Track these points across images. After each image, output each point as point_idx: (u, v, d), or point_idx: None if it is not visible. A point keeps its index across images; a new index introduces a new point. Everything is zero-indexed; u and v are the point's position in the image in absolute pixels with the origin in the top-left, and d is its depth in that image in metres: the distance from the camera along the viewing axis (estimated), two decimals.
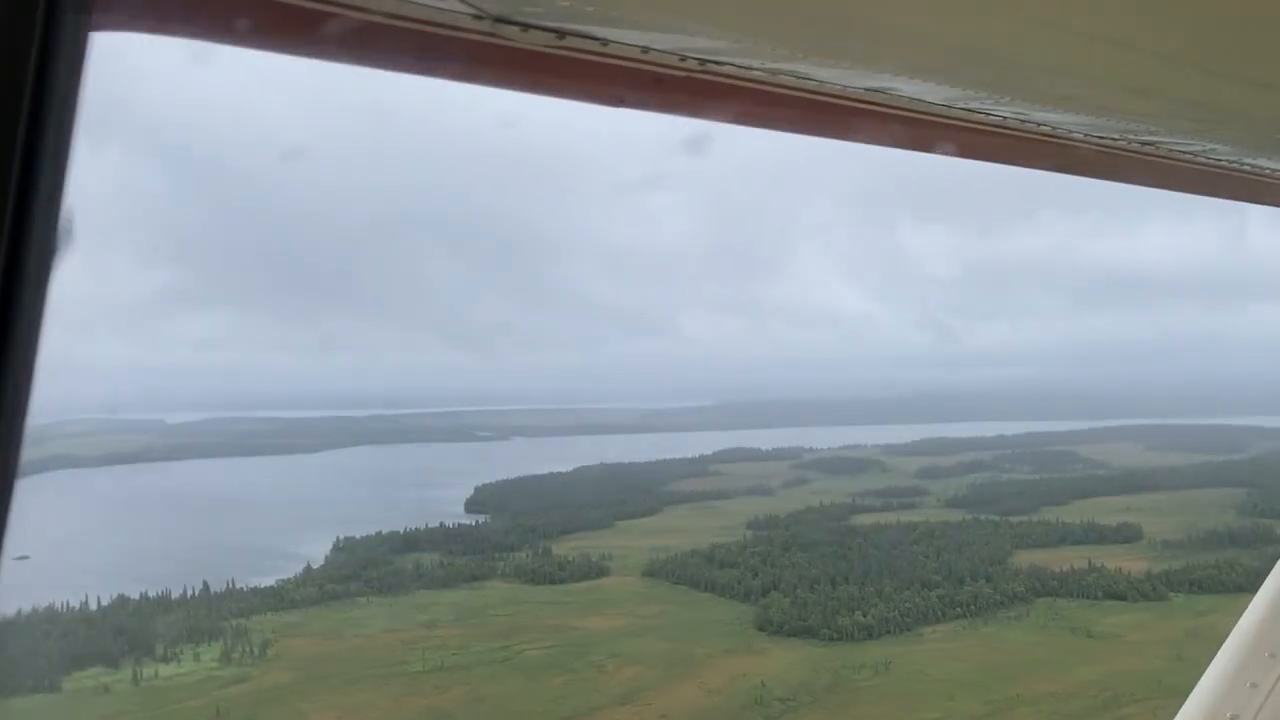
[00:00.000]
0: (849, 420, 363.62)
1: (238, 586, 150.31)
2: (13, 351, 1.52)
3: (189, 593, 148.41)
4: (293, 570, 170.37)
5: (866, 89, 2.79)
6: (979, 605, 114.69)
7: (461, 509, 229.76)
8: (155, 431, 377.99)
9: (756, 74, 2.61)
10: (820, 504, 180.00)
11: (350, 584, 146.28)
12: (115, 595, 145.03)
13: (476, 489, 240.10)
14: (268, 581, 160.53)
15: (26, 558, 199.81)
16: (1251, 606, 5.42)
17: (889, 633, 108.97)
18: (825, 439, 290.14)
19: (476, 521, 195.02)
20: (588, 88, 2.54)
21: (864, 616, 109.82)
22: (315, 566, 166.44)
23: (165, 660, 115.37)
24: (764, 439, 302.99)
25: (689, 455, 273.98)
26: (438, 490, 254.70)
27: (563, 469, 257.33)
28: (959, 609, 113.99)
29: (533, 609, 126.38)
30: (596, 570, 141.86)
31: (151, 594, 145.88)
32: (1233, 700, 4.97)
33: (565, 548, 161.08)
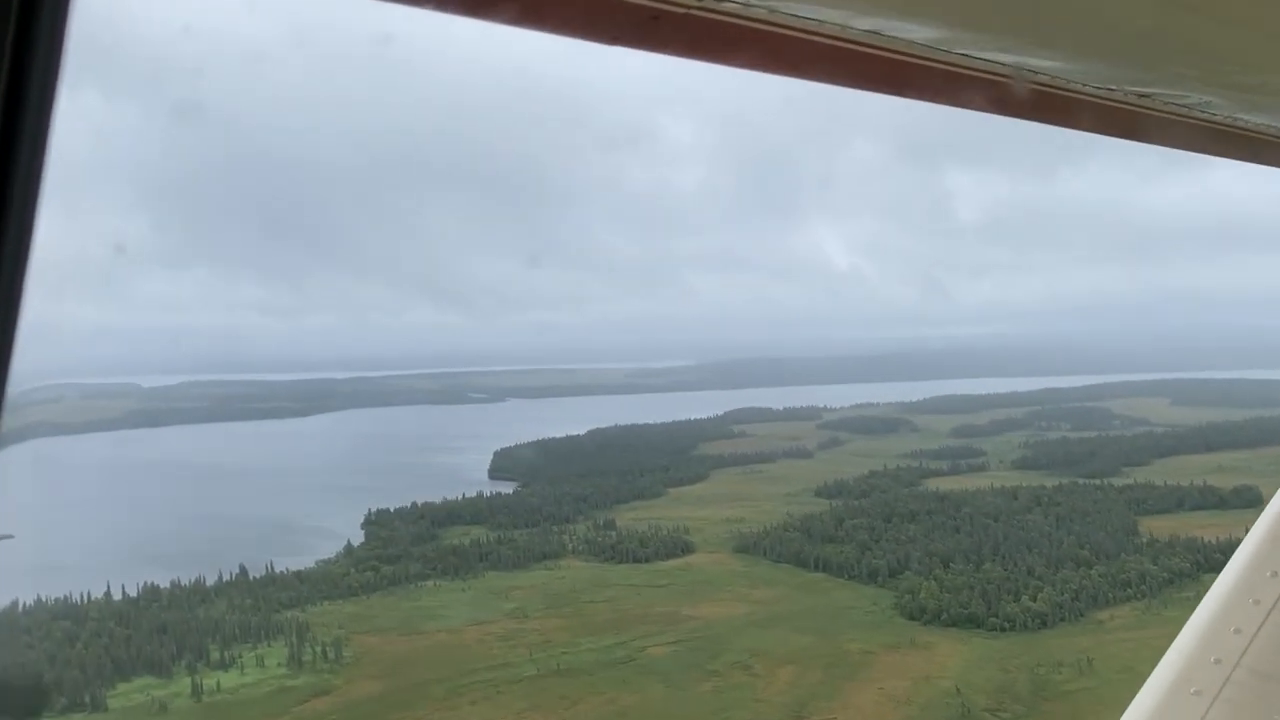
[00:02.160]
0: (844, 378, 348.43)
1: (278, 570, 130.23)
2: None
3: (224, 577, 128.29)
4: (330, 548, 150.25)
5: (864, 30, 2.60)
6: (1148, 585, 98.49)
7: (485, 475, 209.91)
8: (133, 396, 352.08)
9: (756, 11, 2.43)
10: (884, 467, 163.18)
11: (407, 565, 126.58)
12: (143, 583, 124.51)
13: (495, 454, 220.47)
14: (307, 562, 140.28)
15: (10, 536, 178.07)
16: (1219, 579, 5.09)
17: (1063, 620, 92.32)
18: (833, 397, 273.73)
19: (515, 490, 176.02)
20: (581, 24, 2.36)
21: (1033, 601, 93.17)
22: (355, 544, 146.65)
23: (224, 666, 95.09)
24: (768, 398, 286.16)
25: (702, 416, 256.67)
26: (451, 455, 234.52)
27: (576, 432, 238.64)
28: (1128, 589, 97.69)
29: (629, 594, 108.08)
30: (681, 546, 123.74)
31: (184, 580, 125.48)
32: (1198, 677, 4.76)
33: (624, 519, 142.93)
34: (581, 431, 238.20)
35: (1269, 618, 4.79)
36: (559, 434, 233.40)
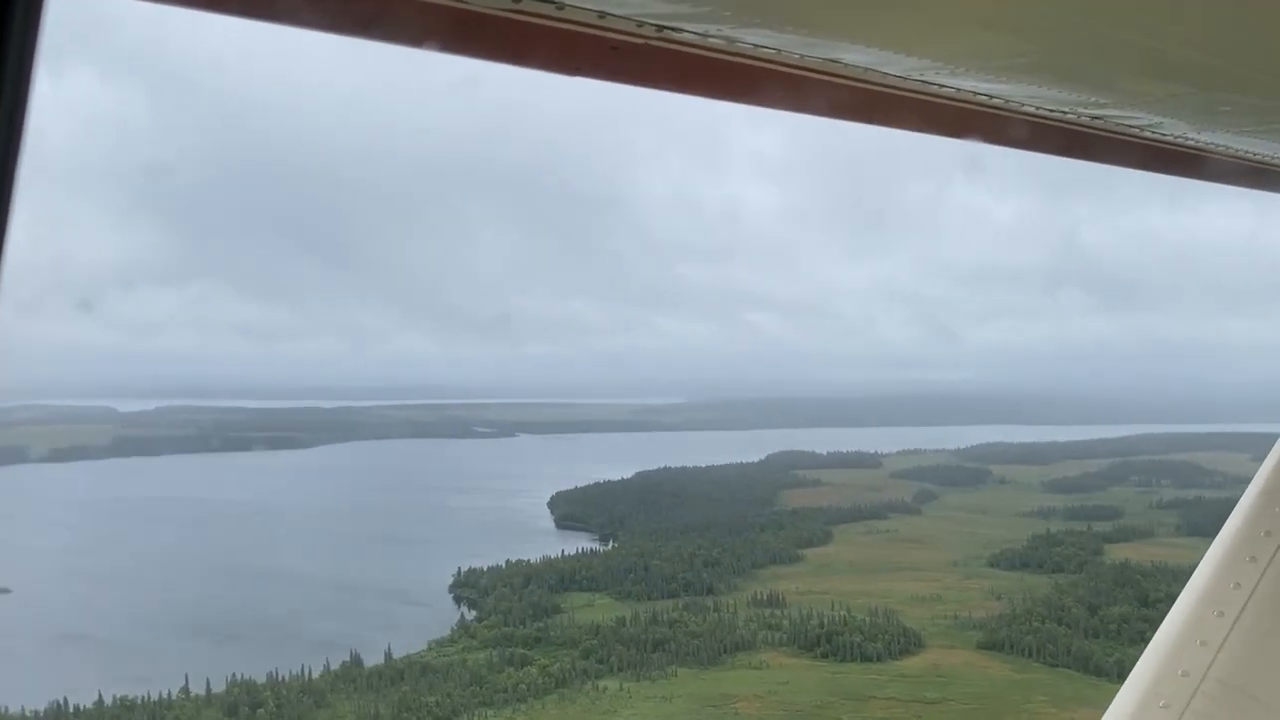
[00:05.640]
0: (851, 421, 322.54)
1: (395, 656, 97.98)
2: None
3: (329, 666, 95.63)
4: (424, 620, 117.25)
5: (823, 59, 2.58)
6: None
7: (549, 522, 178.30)
8: (111, 421, 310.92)
9: (713, 41, 2.41)
10: (1048, 530, 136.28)
11: (553, 651, 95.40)
12: (231, 676, 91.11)
13: (552, 499, 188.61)
14: (412, 641, 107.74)
15: (8, 591, 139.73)
16: (1184, 592, 4.89)
17: None
18: (866, 441, 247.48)
19: (611, 545, 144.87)
20: (543, 54, 2.35)
21: None
22: (466, 616, 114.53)
23: None
24: (795, 440, 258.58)
25: (750, 460, 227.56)
26: (495, 498, 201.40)
27: (623, 474, 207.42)
28: None
29: (903, 714, 78.49)
30: (909, 639, 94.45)
31: (282, 673, 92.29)
32: (1166, 690, 4.59)
33: (784, 591, 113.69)
34: (628, 474, 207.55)
35: (1233, 629, 4.54)
36: (593, 475, 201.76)
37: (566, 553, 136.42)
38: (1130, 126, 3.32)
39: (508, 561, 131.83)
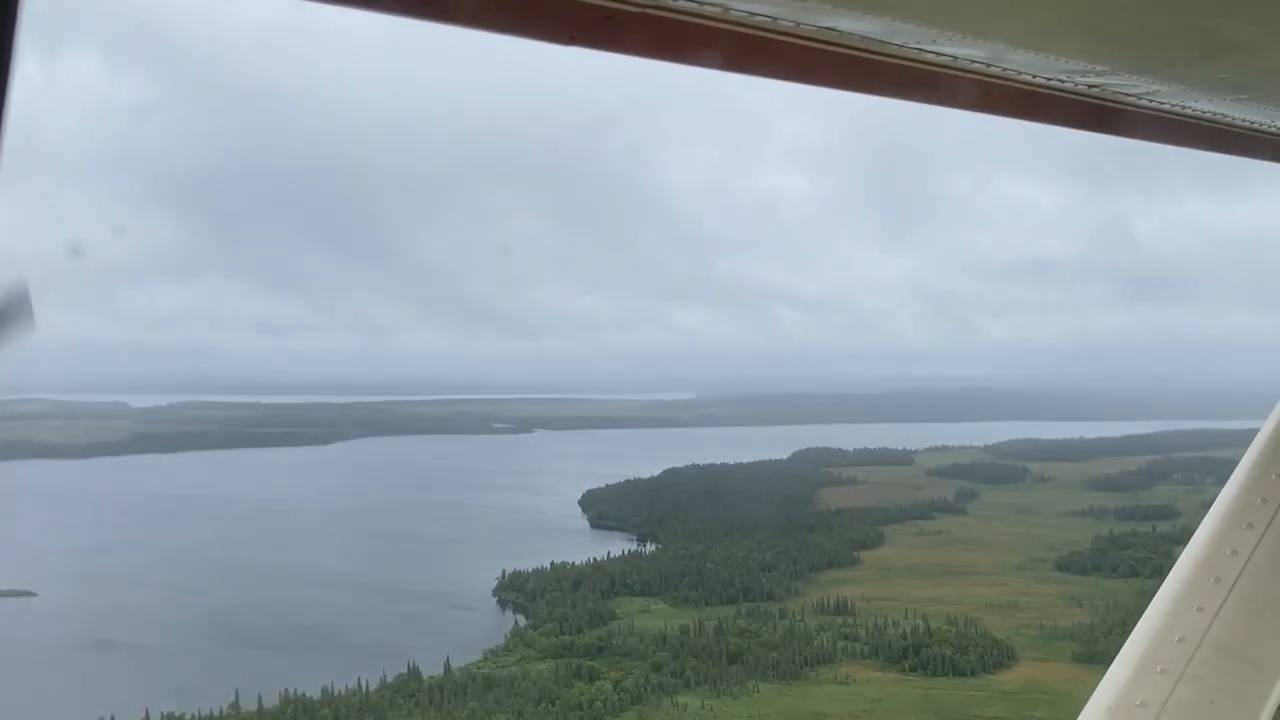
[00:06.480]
0: (873, 417, 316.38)
1: (448, 665, 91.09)
2: None
3: (385, 678, 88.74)
4: (475, 625, 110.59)
5: (819, 27, 2.54)
6: None
7: (584, 522, 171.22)
8: (126, 417, 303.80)
9: (709, 10, 2.36)
10: (1110, 532, 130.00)
11: (619, 662, 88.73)
12: (285, 691, 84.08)
13: (583, 497, 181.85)
14: (465, 649, 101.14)
15: (32, 594, 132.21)
16: (1180, 559, 4.83)
17: None
18: (895, 437, 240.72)
19: (655, 548, 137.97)
20: (538, 23, 2.31)
21: None
22: (520, 622, 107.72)
23: None
24: (816, 436, 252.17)
25: (778, 457, 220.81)
26: (526, 496, 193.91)
27: (651, 471, 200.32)
28: None
29: None
30: (1001, 652, 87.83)
31: (335, 686, 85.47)
32: (1163, 655, 4.55)
33: (850, 596, 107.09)
34: (656, 472, 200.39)
35: (1230, 595, 4.56)
36: (619, 473, 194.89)
37: (611, 554, 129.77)
38: (1127, 95, 3.19)
39: (552, 563, 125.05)
